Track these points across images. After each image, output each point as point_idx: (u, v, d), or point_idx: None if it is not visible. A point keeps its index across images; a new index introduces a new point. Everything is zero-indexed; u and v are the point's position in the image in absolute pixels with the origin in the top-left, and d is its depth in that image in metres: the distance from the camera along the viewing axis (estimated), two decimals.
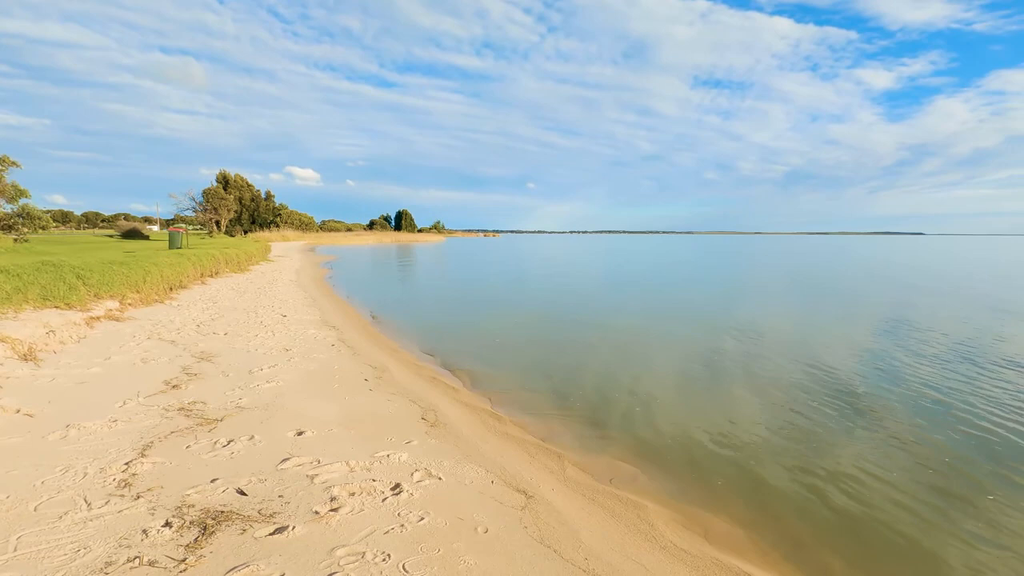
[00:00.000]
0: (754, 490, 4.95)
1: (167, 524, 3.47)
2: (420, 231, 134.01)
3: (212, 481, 4.10)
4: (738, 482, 5.10)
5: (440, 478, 4.48)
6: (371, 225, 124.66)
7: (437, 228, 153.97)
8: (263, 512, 3.71)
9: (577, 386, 8.11)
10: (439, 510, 3.92)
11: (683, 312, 16.02)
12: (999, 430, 6.33)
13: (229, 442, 4.88)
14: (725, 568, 3.67)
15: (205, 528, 3.45)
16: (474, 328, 12.92)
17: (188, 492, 3.91)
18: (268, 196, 73.55)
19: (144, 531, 3.36)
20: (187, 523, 3.50)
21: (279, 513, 3.70)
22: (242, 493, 3.96)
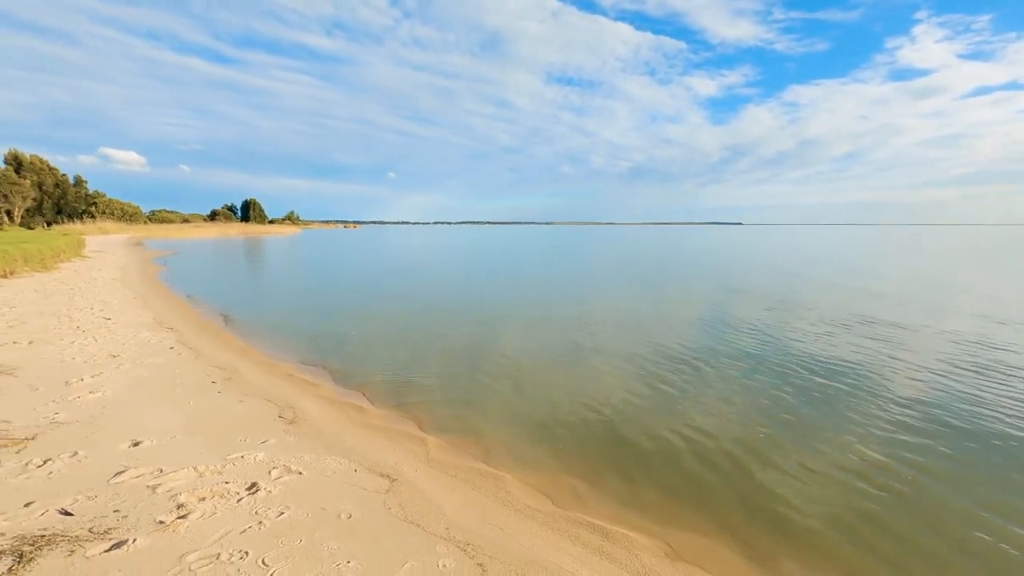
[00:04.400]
0: (592, 452, 5.58)
1: None
2: (271, 222, 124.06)
3: (26, 506, 3.63)
4: (578, 447, 5.71)
5: (300, 473, 4.43)
6: (213, 216, 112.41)
7: (291, 219, 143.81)
8: (95, 530, 3.40)
9: (436, 373, 8.33)
10: (300, 503, 3.90)
11: (541, 296, 16.98)
12: (801, 383, 7.80)
13: (45, 462, 4.31)
14: (572, 520, 4.17)
15: (21, 556, 3.09)
16: (332, 322, 12.50)
17: None
18: (78, 182, 63.00)
19: None
20: None
21: (115, 528, 3.42)
22: (67, 513, 3.57)
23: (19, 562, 3.04)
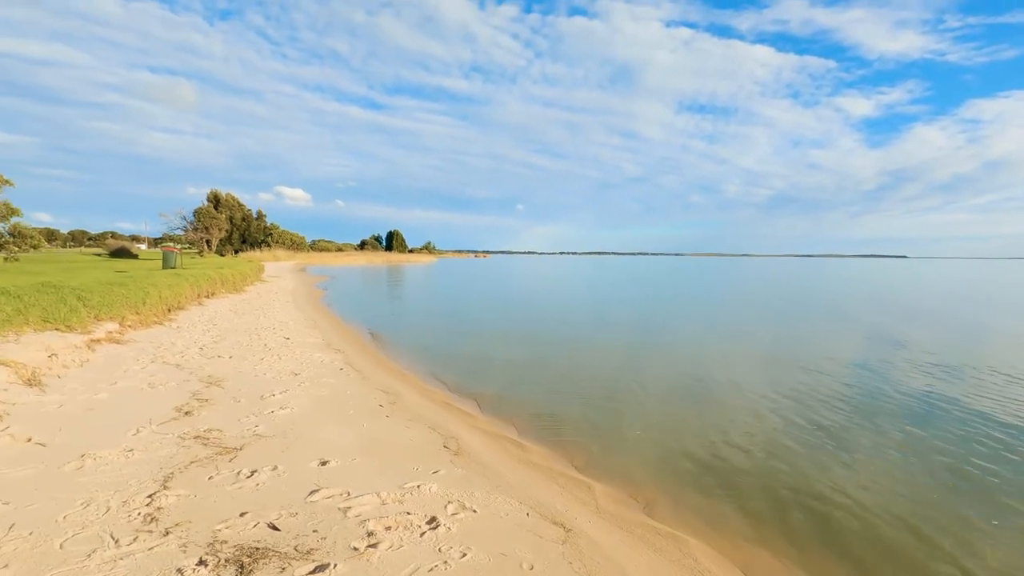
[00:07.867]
0: (778, 513, 4.86)
1: (202, 562, 3.31)
2: (411, 251, 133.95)
3: (241, 515, 3.94)
4: (760, 507, 5.01)
5: (475, 511, 4.35)
6: (362, 245, 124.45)
7: (428, 249, 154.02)
8: (299, 549, 3.56)
9: (589, 409, 8.01)
10: (480, 545, 3.79)
11: (687, 334, 16.01)
12: (982, 442, 6.33)
13: (252, 473, 4.72)
14: None
15: (242, 567, 3.30)
16: (477, 350, 12.80)
17: (218, 527, 3.75)
18: (259, 215, 73.24)
19: (179, 570, 3.21)
20: (222, 561, 3.34)
21: (316, 550, 3.55)
22: (275, 528, 3.81)
23: (240, 573, 3.24)
